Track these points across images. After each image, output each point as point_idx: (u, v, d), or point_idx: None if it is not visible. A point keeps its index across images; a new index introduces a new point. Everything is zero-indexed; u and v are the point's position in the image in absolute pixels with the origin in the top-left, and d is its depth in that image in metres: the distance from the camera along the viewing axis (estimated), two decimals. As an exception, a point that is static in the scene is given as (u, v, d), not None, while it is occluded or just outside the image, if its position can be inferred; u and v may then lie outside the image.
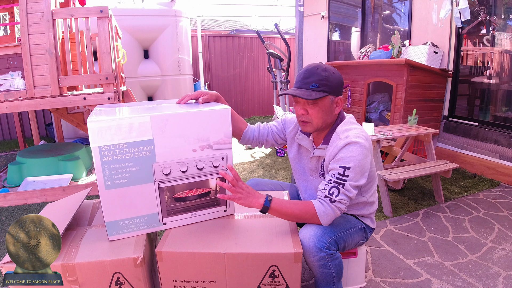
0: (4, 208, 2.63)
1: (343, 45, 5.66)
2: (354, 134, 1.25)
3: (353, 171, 1.20)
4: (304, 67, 1.31)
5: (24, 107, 2.60)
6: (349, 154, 1.21)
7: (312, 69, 1.26)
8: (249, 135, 1.51)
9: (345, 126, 1.31)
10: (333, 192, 1.21)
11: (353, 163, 1.20)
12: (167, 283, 1.18)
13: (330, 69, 1.27)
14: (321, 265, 1.19)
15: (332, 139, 1.30)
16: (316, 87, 1.24)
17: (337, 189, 1.20)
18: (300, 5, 2.51)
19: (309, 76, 1.25)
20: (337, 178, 1.21)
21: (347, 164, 1.20)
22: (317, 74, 1.24)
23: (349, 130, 1.28)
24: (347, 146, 1.22)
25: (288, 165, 3.69)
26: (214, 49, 6.63)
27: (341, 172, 1.20)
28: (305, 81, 1.26)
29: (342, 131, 1.29)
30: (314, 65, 1.28)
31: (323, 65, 1.27)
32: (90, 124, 1.07)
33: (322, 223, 1.22)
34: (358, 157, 1.21)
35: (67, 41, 2.66)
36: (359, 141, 1.22)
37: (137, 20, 4.70)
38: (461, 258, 1.93)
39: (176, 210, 1.28)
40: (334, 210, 1.21)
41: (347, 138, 1.24)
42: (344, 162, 1.21)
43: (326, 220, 1.22)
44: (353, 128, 1.30)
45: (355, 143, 1.22)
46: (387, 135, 2.51)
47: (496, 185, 3.02)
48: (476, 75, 3.56)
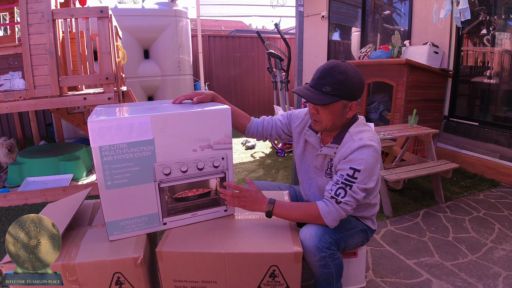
0: (4, 208, 2.63)
1: (343, 45, 5.66)
2: (368, 137, 1.23)
3: (363, 174, 1.19)
4: (325, 63, 1.23)
5: (24, 107, 2.60)
6: (362, 156, 1.19)
7: (329, 69, 1.20)
8: (252, 129, 1.51)
9: (358, 127, 1.28)
10: (340, 193, 1.20)
11: (364, 165, 1.19)
12: (167, 283, 1.18)
13: (349, 71, 1.20)
14: (322, 265, 1.19)
15: (345, 139, 1.27)
16: (328, 91, 1.19)
17: (344, 190, 1.19)
18: (300, 5, 2.51)
19: (324, 77, 1.20)
20: (345, 179, 1.20)
21: (357, 167, 1.19)
22: (332, 77, 1.19)
23: (362, 132, 1.26)
24: (361, 148, 1.20)
25: (288, 165, 3.69)
26: (215, 49, 6.63)
27: (350, 174, 1.19)
28: (319, 82, 1.21)
29: (356, 132, 1.26)
30: (333, 64, 1.21)
31: (342, 66, 1.20)
32: (90, 124, 1.07)
33: (327, 223, 1.22)
34: (370, 160, 1.19)
35: (67, 41, 2.66)
36: (373, 144, 1.21)
37: (137, 20, 4.70)
38: (461, 258, 1.92)
39: (176, 210, 1.28)
40: (339, 211, 1.20)
41: (361, 141, 1.21)
42: (355, 164, 1.19)
43: (330, 221, 1.21)
44: (366, 130, 1.27)
45: (369, 146, 1.20)
46: (387, 135, 2.51)
47: (497, 185, 3.02)
48: (476, 75, 3.56)
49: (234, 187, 1.25)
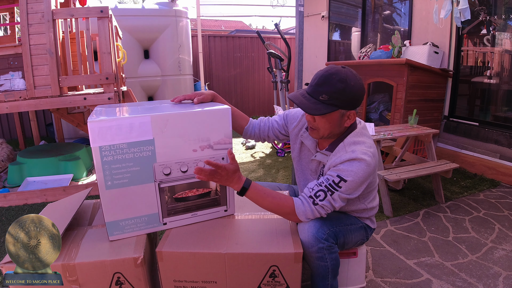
0: (5, 208, 2.63)
1: (343, 45, 5.66)
2: (361, 150, 1.18)
3: (349, 185, 1.15)
4: (325, 69, 1.18)
5: (25, 107, 2.60)
6: (351, 168, 1.15)
7: (328, 77, 1.15)
8: (250, 131, 1.50)
9: (354, 137, 1.23)
10: (320, 195, 1.17)
11: (352, 177, 1.15)
12: (168, 283, 1.18)
13: (349, 79, 1.14)
14: (319, 257, 1.18)
15: (338, 148, 1.23)
16: (325, 99, 1.15)
17: (325, 194, 1.17)
18: (300, 5, 2.51)
19: (322, 84, 1.15)
20: (329, 184, 1.17)
21: (345, 177, 1.15)
22: (331, 85, 1.14)
23: (357, 143, 1.21)
24: (352, 161, 1.16)
25: (288, 165, 3.69)
26: (215, 49, 6.63)
27: (336, 181, 1.16)
28: (317, 89, 1.16)
29: (350, 143, 1.22)
30: (333, 71, 1.15)
31: (343, 74, 1.14)
32: (90, 124, 1.07)
33: (300, 219, 1.21)
34: (359, 173, 1.15)
35: (67, 41, 2.66)
36: (365, 158, 1.16)
37: (137, 20, 4.70)
38: (461, 258, 1.92)
39: (176, 210, 1.28)
40: (313, 212, 1.19)
41: (353, 153, 1.17)
42: (344, 174, 1.16)
43: (303, 218, 1.20)
44: (362, 142, 1.22)
45: (360, 160, 1.16)
46: (387, 135, 2.50)
47: (497, 185, 3.02)
48: (476, 75, 3.56)
49: (214, 165, 1.14)
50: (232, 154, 1.20)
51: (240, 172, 1.21)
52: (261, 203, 1.22)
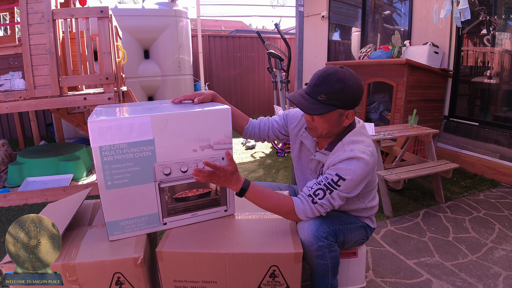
0: (5, 208, 2.63)
1: (343, 45, 5.66)
2: (359, 149, 1.19)
3: (347, 183, 1.16)
4: (323, 69, 1.19)
5: (25, 107, 2.60)
6: (350, 167, 1.16)
7: (326, 77, 1.16)
8: (250, 131, 1.50)
9: (353, 136, 1.24)
10: (318, 193, 1.18)
11: (350, 176, 1.16)
12: (168, 283, 1.18)
13: (347, 79, 1.15)
14: (318, 255, 1.18)
15: (336, 148, 1.25)
16: (323, 99, 1.16)
17: (324, 192, 1.17)
18: (300, 5, 2.51)
19: (320, 84, 1.16)
20: (328, 183, 1.17)
21: (344, 176, 1.16)
22: (329, 85, 1.15)
23: (356, 142, 1.22)
24: (350, 160, 1.17)
25: (288, 165, 3.69)
26: (215, 49, 6.63)
27: (335, 180, 1.17)
28: (315, 89, 1.17)
29: (349, 142, 1.23)
30: (331, 71, 1.16)
31: (341, 74, 1.15)
32: (90, 124, 1.07)
33: (299, 218, 1.22)
34: (358, 172, 1.16)
35: (67, 41, 2.66)
36: (363, 157, 1.17)
37: (137, 20, 4.70)
38: (461, 258, 1.92)
39: (176, 210, 1.28)
40: (313, 211, 1.20)
41: (352, 152, 1.18)
42: (342, 172, 1.17)
43: (303, 217, 1.21)
44: (360, 141, 1.23)
45: (359, 158, 1.17)
46: (387, 135, 2.51)
47: (497, 185, 3.02)
48: (476, 75, 3.56)
49: (213, 166, 1.13)
50: (230, 155, 1.20)
51: (239, 173, 1.21)
52: (260, 203, 1.22)
